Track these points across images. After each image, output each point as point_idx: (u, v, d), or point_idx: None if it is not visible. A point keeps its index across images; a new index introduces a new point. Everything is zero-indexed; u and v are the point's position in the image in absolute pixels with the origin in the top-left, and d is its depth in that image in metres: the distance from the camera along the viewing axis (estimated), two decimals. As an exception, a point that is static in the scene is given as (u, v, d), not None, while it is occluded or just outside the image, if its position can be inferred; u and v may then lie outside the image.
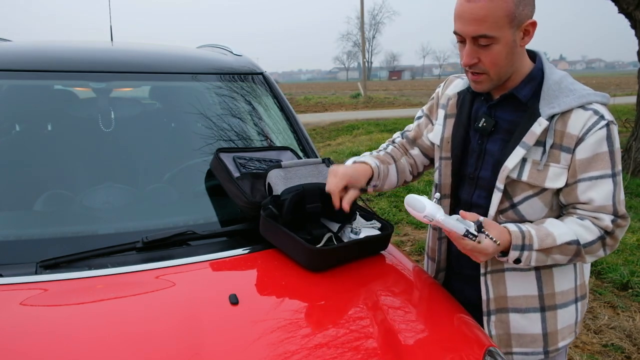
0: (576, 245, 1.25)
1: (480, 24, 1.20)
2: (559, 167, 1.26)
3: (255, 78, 2.14)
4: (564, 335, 1.40)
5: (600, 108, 1.25)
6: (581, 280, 1.42)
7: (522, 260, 1.26)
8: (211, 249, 1.40)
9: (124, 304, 1.16)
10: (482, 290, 1.41)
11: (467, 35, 1.23)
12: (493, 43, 1.22)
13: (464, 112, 1.44)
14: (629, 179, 6.18)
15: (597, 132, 1.23)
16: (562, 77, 1.29)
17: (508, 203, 1.34)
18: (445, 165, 1.48)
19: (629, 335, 2.94)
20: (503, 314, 1.39)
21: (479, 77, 1.29)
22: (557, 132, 1.26)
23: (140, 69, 1.90)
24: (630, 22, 6.58)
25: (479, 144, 1.40)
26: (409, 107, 20.10)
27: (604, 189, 1.25)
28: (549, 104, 1.26)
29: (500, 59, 1.25)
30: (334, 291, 1.28)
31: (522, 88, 1.31)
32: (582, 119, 1.24)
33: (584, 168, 1.25)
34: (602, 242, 1.28)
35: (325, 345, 1.06)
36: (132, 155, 1.83)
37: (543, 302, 1.37)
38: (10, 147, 1.80)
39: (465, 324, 1.27)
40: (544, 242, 1.24)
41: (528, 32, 1.25)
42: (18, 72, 1.73)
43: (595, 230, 1.27)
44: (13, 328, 1.04)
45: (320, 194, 1.48)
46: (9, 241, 1.38)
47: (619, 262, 3.83)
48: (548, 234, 1.25)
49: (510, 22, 1.20)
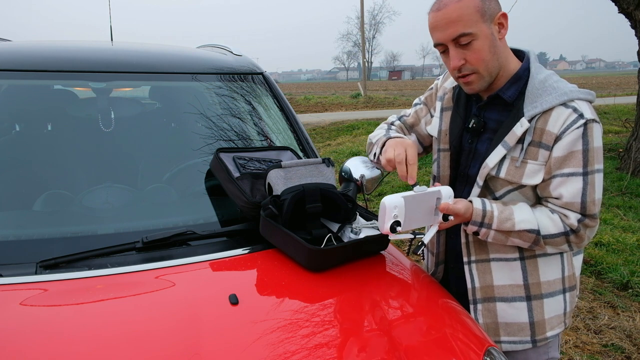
0: (535, 235, 1.31)
1: (456, 24, 1.26)
2: (536, 164, 1.30)
3: (255, 78, 2.14)
4: (552, 325, 1.42)
5: (582, 105, 1.27)
6: (569, 271, 1.43)
7: (480, 234, 1.35)
8: (211, 249, 1.40)
9: (123, 304, 1.16)
10: (467, 279, 1.46)
11: (448, 39, 1.29)
12: (473, 39, 1.27)
13: (461, 107, 1.48)
14: (629, 179, 6.17)
15: (574, 131, 1.25)
16: (547, 76, 1.32)
17: (490, 197, 1.40)
18: (443, 157, 1.51)
19: (629, 335, 2.94)
20: (490, 303, 1.43)
21: (469, 78, 1.33)
22: (537, 130, 1.29)
23: (140, 69, 1.90)
24: (630, 22, 6.58)
25: (469, 143, 1.44)
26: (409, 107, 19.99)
27: (574, 187, 1.27)
28: (532, 103, 1.29)
29: (485, 54, 1.29)
30: (334, 291, 1.28)
31: (508, 89, 1.35)
32: (562, 117, 1.26)
33: (558, 165, 1.28)
34: (566, 238, 1.32)
35: (325, 345, 1.05)
36: (132, 155, 1.83)
37: (529, 291, 1.40)
38: (10, 147, 1.80)
39: (465, 324, 1.27)
40: (502, 225, 1.31)
41: (502, 25, 1.30)
42: (18, 72, 1.73)
43: (560, 225, 1.31)
44: (13, 328, 1.04)
45: (320, 194, 1.48)
46: (9, 241, 1.38)
47: (619, 262, 3.83)
48: (509, 218, 1.31)
49: (482, 17, 1.26)
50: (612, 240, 4.23)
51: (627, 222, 4.87)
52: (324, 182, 1.55)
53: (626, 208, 5.36)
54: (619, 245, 4.17)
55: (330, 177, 1.61)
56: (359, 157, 1.83)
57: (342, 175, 1.77)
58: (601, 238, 4.29)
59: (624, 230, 4.61)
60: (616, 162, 7.19)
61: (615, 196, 5.73)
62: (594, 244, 4.21)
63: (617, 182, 6.22)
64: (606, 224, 4.76)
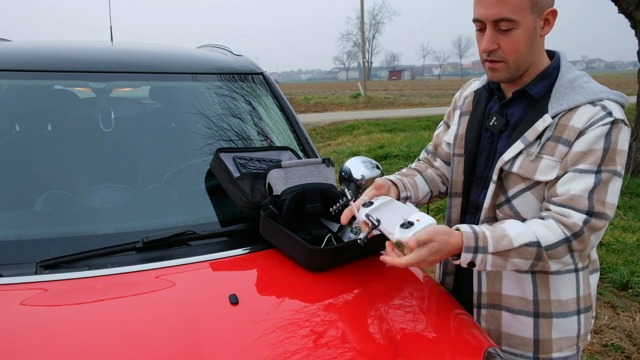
0: (536, 248, 1.17)
1: (502, 6, 1.18)
2: (552, 159, 1.22)
3: (255, 78, 2.14)
4: (561, 347, 1.32)
5: (611, 105, 1.19)
6: (585, 291, 1.33)
7: (477, 264, 1.18)
8: (211, 249, 1.40)
9: (123, 304, 1.16)
10: (475, 283, 1.39)
11: (488, 19, 1.21)
12: (514, 27, 1.20)
13: (479, 109, 1.42)
14: (629, 179, 6.18)
15: (599, 128, 1.17)
16: (577, 76, 1.26)
17: (503, 197, 1.32)
18: (457, 162, 1.46)
19: (629, 335, 2.94)
20: (496, 310, 1.37)
21: (497, 65, 1.26)
22: (560, 126, 1.22)
23: (140, 69, 1.90)
24: (630, 22, 6.58)
25: (489, 143, 1.38)
26: (409, 107, 20.10)
27: (585, 182, 1.17)
28: (558, 100, 1.23)
29: (521, 46, 1.22)
30: (334, 291, 1.28)
31: (535, 84, 1.29)
32: (588, 113, 1.19)
33: (574, 161, 1.19)
34: (569, 246, 1.18)
35: (325, 345, 1.05)
36: (132, 155, 1.83)
37: (537, 307, 1.31)
38: (10, 147, 1.80)
39: (465, 324, 1.27)
40: (499, 244, 1.16)
41: (548, 22, 1.24)
42: (18, 72, 1.73)
43: (559, 232, 1.18)
44: (13, 328, 1.04)
45: (320, 194, 1.48)
46: (9, 241, 1.38)
47: (619, 262, 3.83)
48: (504, 235, 1.17)
49: (532, 7, 1.19)
50: (612, 240, 4.23)
51: (627, 222, 4.87)
52: (323, 182, 1.55)
53: (626, 208, 5.36)
54: (619, 245, 4.17)
55: (330, 177, 1.60)
56: (359, 157, 1.83)
57: (342, 175, 1.77)
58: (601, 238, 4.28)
59: (624, 230, 4.61)
60: (616, 162, 7.18)
61: (615, 196, 5.73)
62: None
63: (617, 182, 6.23)
64: (606, 224, 4.76)
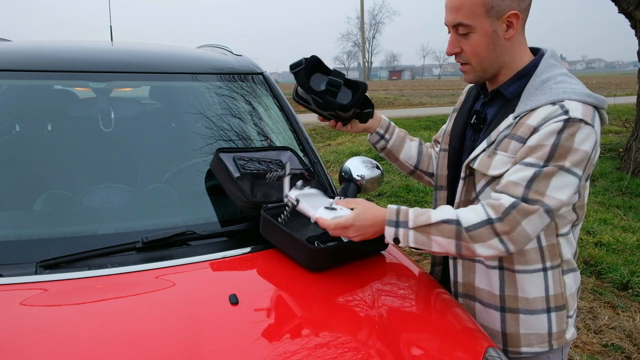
0: (455, 226, 1.19)
1: (457, 12, 1.23)
2: (505, 155, 1.24)
3: (255, 78, 2.14)
4: (530, 342, 1.33)
5: (571, 105, 1.17)
6: (557, 290, 1.32)
7: (400, 239, 1.24)
8: (211, 249, 1.40)
9: (123, 304, 1.16)
10: (451, 273, 1.44)
11: (448, 23, 1.28)
12: (470, 32, 1.24)
13: (466, 107, 1.47)
14: (629, 179, 6.17)
15: (552, 125, 1.16)
16: (551, 76, 1.25)
17: (474, 194, 1.36)
18: (442, 157, 1.50)
19: (629, 335, 2.94)
20: (470, 300, 1.41)
21: (464, 67, 1.33)
22: (518, 125, 1.23)
23: (140, 69, 1.90)
24: (630, 22, 6.58)
25: (471, 140, 1.41)
26: (409, 107, 20.09)
27: (525, 173, 1.17)
28: (525, 101, 1.25)
29: (481, 49, 1.26)
30: (334, 291, 1.28)
31: (510, 85, 1.31)
32: (545, 112, 1.19)
33: (523, 155, 1.20)
34: (492, 228, 1.17)
35: (325, 345, 1.06)
36: (132, 155, 1.83)
37: (504, 302, 1.34)
38: (10, 147, 1.80)
39: (465, 324, 1.27)
40: (418, 219, 1.22)
41: (511, 24, 1.23)
42: (18, 72, 1.73)
43: (482, 213, 1.19)
44: (13, 328, 1.04)
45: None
46: (9, 241, 1.38)
47: (619, 262, 3.83)
48: (424, 212, 1.24)
49: (488, 12, 1.21)
50: (612, 240, 4.23)
51: (627, 222, 4.87)
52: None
53: (626, 208, 5.36)
54: (619, 245, 4.17)
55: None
56: (359, 157, 1.83)
57: (342, 175, 1.77)
58: (601, 238, 4.29)
59: (624, 230, 4.61)
60: (616, 162, 7.19)
61: (615, 196, 5.73)
62: (594, 244, 4.22)
63: (617, 182, 6.22)
64: (606, 224, 4.75)
